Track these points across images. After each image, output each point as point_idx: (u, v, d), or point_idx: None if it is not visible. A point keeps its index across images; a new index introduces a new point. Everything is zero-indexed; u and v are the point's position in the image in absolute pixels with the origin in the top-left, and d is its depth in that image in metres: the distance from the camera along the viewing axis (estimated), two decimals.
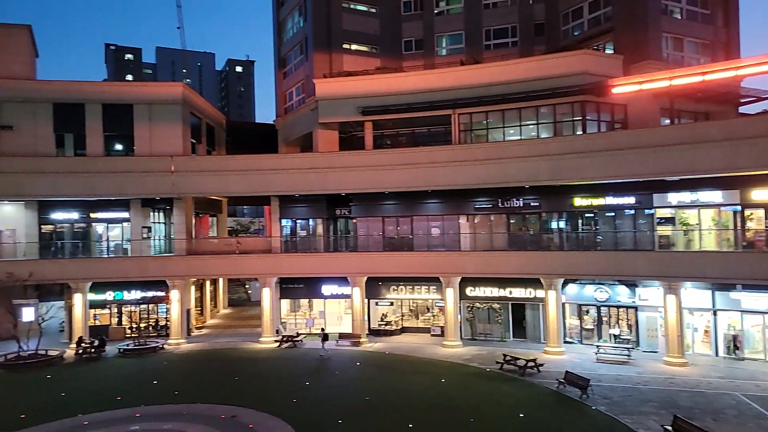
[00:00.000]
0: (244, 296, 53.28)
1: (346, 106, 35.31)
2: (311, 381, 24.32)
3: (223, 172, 33.97)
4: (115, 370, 27.61)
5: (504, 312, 32.34)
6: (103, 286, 34.08)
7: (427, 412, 19.98)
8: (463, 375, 24.97)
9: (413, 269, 31.86)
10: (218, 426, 18.93)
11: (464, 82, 33.01)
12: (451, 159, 30.91)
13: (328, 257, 33.76)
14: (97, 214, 35.57)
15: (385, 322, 35.15)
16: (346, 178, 32.83)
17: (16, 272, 29.84)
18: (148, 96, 35.55)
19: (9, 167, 32.12)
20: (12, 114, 33.55)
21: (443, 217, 33.72)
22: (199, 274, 35.79)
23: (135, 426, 19.08)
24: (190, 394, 22.63)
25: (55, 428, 19.05)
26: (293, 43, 42.25)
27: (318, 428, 18.61)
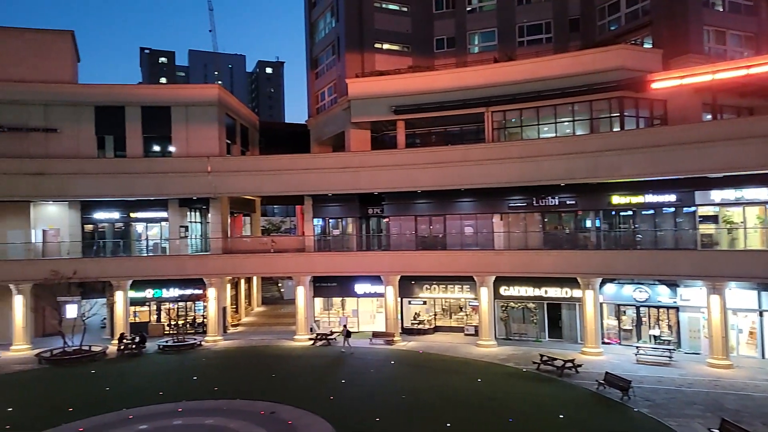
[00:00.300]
0: (277, 294, 53.94)
1: (378, 106, 35.39)
2: (347, 379, 24.47)
3: (258, 172, 34.45)
4: (156, 365, 28.30)
5: (539, 311, 31.94)
6: (143, 284, 34.98)
7: (464, 412, 19.89)
8: (499, 375, 24.78)
9: (447, 268, 31.74)
10: (258, 422, 19.23)
11: (498, 80, 32.72)
12: (485, 157, 30.66)
13: (361, 256, 33.92)
14: (137, 213, 36.54)
15: (418, 321, 35.13)
16: (379, 177, 32.91)
17: (61, 270, 30.83)
18: (185, 98, 36.33)
19: (54, 169, 33.22)
20: (57, 117, 34.69)
21: (476, 216, 33.51)
22: (235, 273, 36.39)
23: (178, 420, 19.54)
24: (229, 390, 23.02)
25: (102, 421, 19.62)
26: (325, 44, 42.55)
27: (356, 426, 18.70)
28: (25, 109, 34.26)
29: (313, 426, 18.69)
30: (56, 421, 19.60)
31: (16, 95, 34.04)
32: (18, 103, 34.10)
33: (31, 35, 35.36)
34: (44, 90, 34.47)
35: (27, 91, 34.16)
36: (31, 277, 31.93)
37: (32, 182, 32.84)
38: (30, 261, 32.89)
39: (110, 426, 19.11)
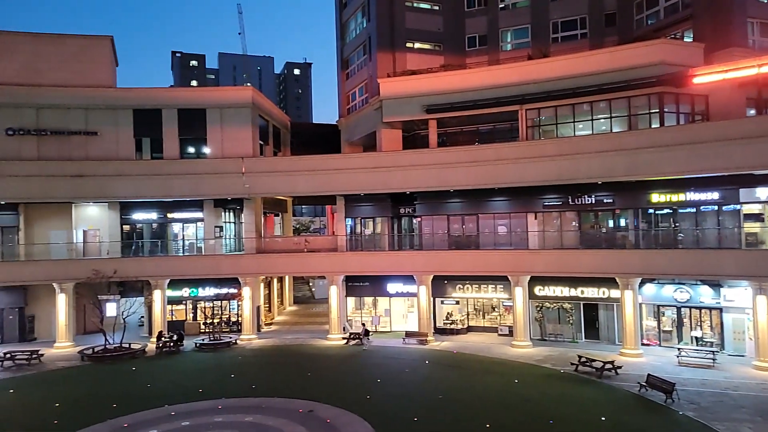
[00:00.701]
0: (308, 294, 54.38)
1: (410, 105, 35.34)
2: (382, 378, 24.47)
3: (291, 173, 34.78)
4: (194, 363, 28.82)
5: (575, 312, 31.40)
6: (179, 283, 35.65)
7: (503, 413, 19.69)
8: (536, 376, 24.44)
9: (481, 268, 31.48)
10: (297, 420, 19.38)
11: (532, 77, 32.29)
12: (520, 156, 30.31)
13: (394, 255, 33.93)
14: (174, 214, 37.29)
15: (451, 321, 34.95)
16: (411, 176, 32.87)
17: (102, 269, 31.64)
18: (220, 100, 36.89)
19: (95, 171, 34.14)
20: (97, 120, 35.63)
21: (510, 215, 33.15)
22: (269, 272, 36.80)
23: (218, 417, 19.82)
24: (266, 388, 23.28)
25: (145, 417, 20.04)
26: (356, 44, 42.69)
27: (394, 425, 18.68)
28: (67, 113, 35.29)
29: (351, 425, 18.74)
30: (101, 417, 20.08)
31: (59, 100, 35.10)
32: (60, 108, 35.16)
33: (72, 41, 36.40)
34: (85, 94, 35.45)
35: (68, 96, 35.18)
36: (73, 276, 32.86)
37: (73, 184, 33.81)
38: (72, 260, 33.88)
39: (153, 422, 19.51)
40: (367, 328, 32.88)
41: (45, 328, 35.80)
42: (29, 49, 35.60)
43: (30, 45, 35.64)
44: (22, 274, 33.05)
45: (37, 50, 35.67)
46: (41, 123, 34.88)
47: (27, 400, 22.56)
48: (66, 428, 18.97)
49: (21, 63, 35.30)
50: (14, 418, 20.30)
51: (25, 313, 35.53)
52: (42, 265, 33.14)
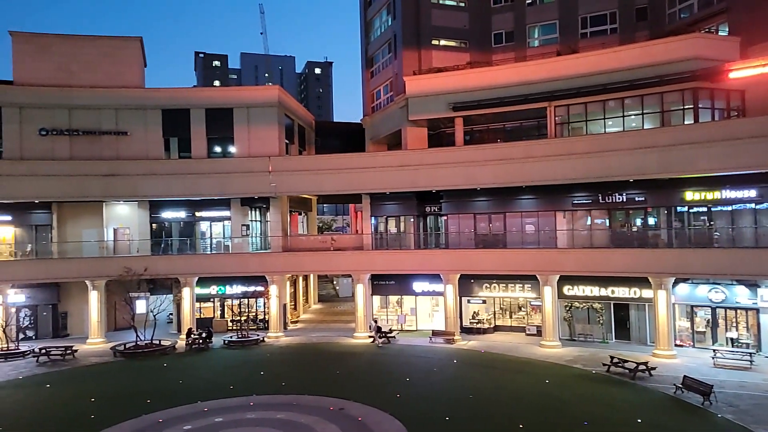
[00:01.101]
0: (332, 292, 54.56)
1: (436, 103, 35.16)
2: (411, 377, 24.39)
3: (318, 171, 34.90)
4: (224, 360, 29.11)
5: (605, 312, 30.90)
6: (207, 281, 36.05)
7: (535, 413, 19.44)
8: (567, 376, 24.10)
9: (509, 267, 31.17)
10: (328, 417, 19.41)
11: (561, 73, 31.85)
12: (549, 153, 29.95)
13: (421, 254, 33.83)
14: (202, 212, 37.72)
15: (477, 320, 34.71)
16: (438, 174, 32.74)
17: (133, 267, 32.15)
18: (247, 100, 37.18)
19: (126, 170, 34.71)
20: (127, 120, 36.21)
21: (538, 214, 32.77)
22: (295, 270, 37.00)
23: (251, 414, 19.97)
24: (296, 386, 23.38)
25: (179, 413, 20.28)
26: (381, 42, 42.61)
27: (425, 424, 18.57)
28: (98, 113, 35.92)
29: (383, 423, 18.70)
30: (136, 412, 20.40)
31: (90, 100, 35.74)
32: (92, 108, 35.81)
33: (103, 42, 37.03)
34: (115, 95, 36.06)
35: (100, 96, 35.81)
36: (105, 274, 33.46)
37: (106, 183, 34.42)
38: (104, 258, 34.50)
39: (187, 418, 19.74)
40: (380, 326, 32.92)
41: (77, 325, 36.56)
42: (62, 50, 36.32)
43: (62, 46, 36.36)
44: (56, 272, 33.75)
45: (70, 51, 36.36)
46: (74, 123, 35.57)
47: (63, 395, 23.04)
48: (102, 423, 19.29)
49: (54, 64, 36.03)
50: (52, 413, 20.72)
51: (59, 309, 36.31)
52: (75, 263, 33.83)
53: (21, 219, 35.56)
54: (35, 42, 36.22)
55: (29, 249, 35.33)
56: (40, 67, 35.80)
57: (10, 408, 21.44)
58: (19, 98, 34.94)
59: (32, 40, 36.20)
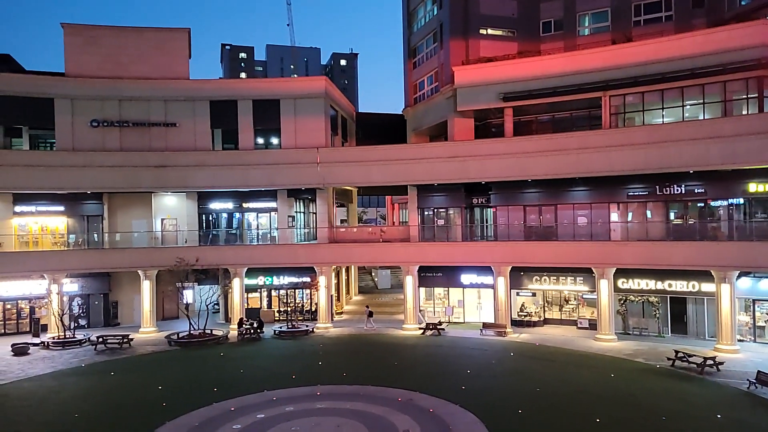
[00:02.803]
0: (371, 284, 54.64)
1: (485, 93, 34.73)
2: (472, 369, 24.25)
3: (365, 163, 34.80)
4: (278, 350, 29.33)
5: (662, 306, 30.32)
6: (255, 272, 36.31)
7: (609, 408, 19.15)
8: (631, 371, 23.71)
9: (563, 259, 30.76)
10: (398, 408, 19.40)
11: (617, 62, 31.14)
12: (606, 144, 29.39)
13: (472, 246, 33.62)
14: (249, 203, 37.99)
15: (525, 313, 34.39)
16: (488, 166, 32.41)
17: (185, 258, 32.49)
18: (294, 91, 37.18)
19: (176, 161, 35.04)
20: (175, 112, 36.51)
21: (591, 206, 32.19)
22: (344, 261, 37.07)
23: (321, 404, 20.05)
24: (357, 377, 23.43)
25: (249, 402, 20.46)
26: (425, 32, 42.15)
27: (499, 417, 18.40)
28: (147, 104, 36.28)
29: (455, 415, 18.61)
30: (206, 400, 20.63)
31: (140, 92, 36.09)
32: (141, 99, 36.16)
33: (151, 34, 37.31)
34: (164, 86, 36.35)
35: (149, 88, 36.14)
36: (157, 264, 33.91)
37: (156, 174, 34.81)
38: (157, 249, 34.97)
39: (258, 406, 19.90)
40: (371, 311, 35.09)
41: (127, 314, 37.23)
42: (111, 42, 36.68)
43: (112, 38, 36.73)
44: (109, 262, 34.33)
45: (119, 43, 36.72)
46: (123, 114, 35.99)
47: (130, 383, 23.41)
48: (175, 410, 19.55)
49: (103, 56, 36.42)
50: (124, 400, 21.06)
51: (110, 299, 36.98)
52: (128, 253, 34.37)
53: (73, 209, 36.18)
54: (85, 34, 36.65)
55: (81, 239, 35.96)
56: (90, 59, 36.22)
57: (84, 395, 21.89)
58: (70, 90, 35.44)
59: (82, 32, 36.64)
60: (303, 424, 18.06)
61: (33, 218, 35.55)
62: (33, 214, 35.43)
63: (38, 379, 24.06)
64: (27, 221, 35.51)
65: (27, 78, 35.75)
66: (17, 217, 34.99)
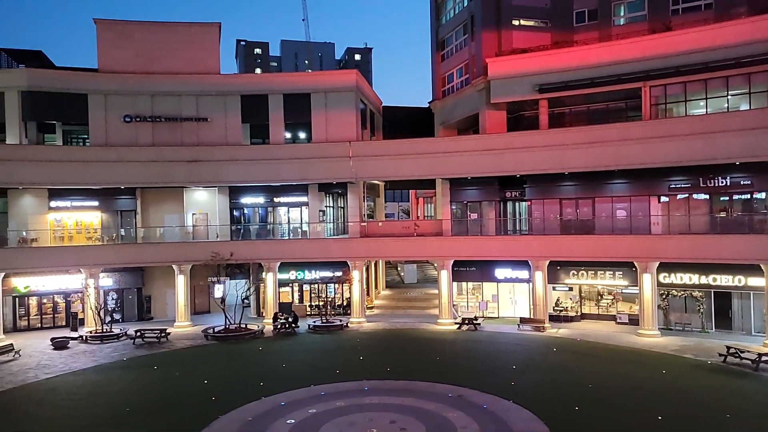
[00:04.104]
0: (396, 278, 54.31)
1: (520, 85, 34.23)
2: (517, 365, 23.92)
3: (397, 156, 34.50)
4: (316, 345, 29.20)
5: (706, 300, 29.70)
6: (286, 266, 36.15)
7: (667, 405, 18.71)
8: (682, 367, 23.23)
9: (603, 253, 30.21)
10: (450, 404, 19.14)
11: (657, 52, 30.49)
12: (648, 135, 28.78)
13: (508, 240, 33.21)
14: (280, 198, 37.86)
15: (561, 308, 33.92)
16: (524, 159, 31.94)
17: (220, 252, 32.43)
18: (324, 84, 36.94)
19: (208, 156, 34.97)
20: (207, 107, 36.44)
21: (630, 198, 31.64)
22: (378, 256, 36.87)
23: (370, 399, 19.84)
24: (401, 371, 23.15)
25: (298, 396, 20.30)
26: (455, 24, 41.65)
27: (556, 414, 18.04)
28: (179, 99, 36.24)
29: (511, 411, 18.31)
30: (254, 394, 20.50)
31: (172, 87, 36.07)
32: (173, 94, 36.13)
33: (182, 29, 37.22)
34: (196, 81, 36.29)
35: (181, 83, 36.10)
36: (192, 259, 33.90)
37: (188, 169, 34.77)
38: (191, 243, 34.97)
39: (308, 401, 19.74)
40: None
41: (160, 308, 37.33)
42: (143, 37, 36.66)
43: (144, 33, 36.70)
44: (144, 256, 34.39)
45: (150, 38, 36.69)
46: (156, 110, 35.99)
47: (174, 377, 23.40)
48: (226, 404, 19.44)
49: (136, 51, 36.42)
50: (173, 394, 21.04)
51: (143, 293, 37.11)
52: (162, 248, 34.40)
53: (107, 204, 36.29)
54: (117, 29, 36.67)
55: (115, 234, 36.07)
56: (122, 55, 36.24)
57: (132, 389, 21.89)
58: (103, 85, 35.49)
59: (114, 28, 36.67)
60: (357, 419, 17.87)
61: (68, 213, 35.72)
62: (68, 210, 35.59)
63: (83, 373, 24.15)
64: (62, 216, 35.67)
65: (61, 74, 35.88)
66: (53, 212, 35.15)
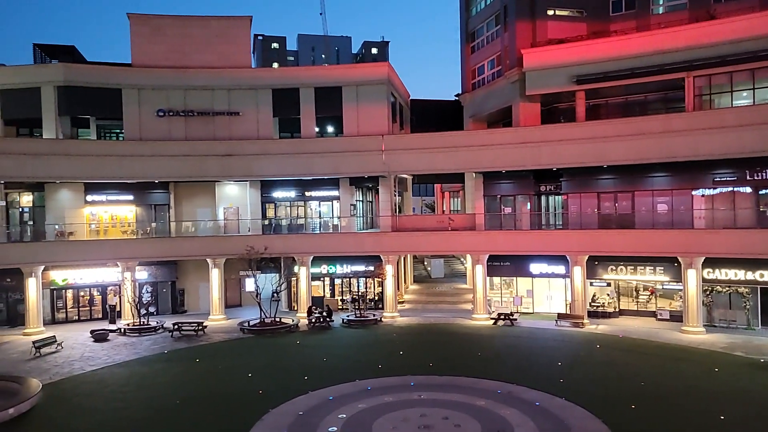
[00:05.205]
0: (423, 273, 54.02)
1: (556, 76, 33.59)
2: (562, 361, 23.52)
3: (430, 150, 34.11)
4: (352, 339, 29.07)
5: (752, 297, 28.95)
6: (317, 260, 36.01)
7: (727, 404, 18.16)
8: (734, 365, 22.61)
9: (645, 248, 29.55)
10: (501, 400, 18.85)
11: (702, 41, 29.67)
12: (692, 126, 28.09)
13: (544, 234, 32.74)
14: (311, 192, 37.78)
15: (598, 304, 33.36)
16: (561, 151, 31.37)
17: (255, 246, 32.37)
18: (356, 78, 36.70)
19: (240, 150, 34.91)
20: (239, 101, 36.37)
21: (672, 192, 30.93)
22: (411, 250, 36.64)
23: (417, 394, 19.60)
24: (445, 367, 22.92)
25: (344, 391, 20.13)
26: (486, 15, 41.02)
27: (613, 412, 17.56)
28: (211, 93, 36.21)
29: (566, 409, 17.94)
30: (299, 388, 20.39)
31: (204, 81, 36.04)
32: (206, 89, 36.11)
33: (215, 23, 37.15)
34: (228, 75, 36.22)
35: (213, 77, 36.06)
36: (225, 252, 33.94)
37: (221, 163, 34.76)
38: (224, 237, 34.98)
39: (355, 396, 19.57)
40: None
41: (193, 301, 37.54)
42: (175, 31, 36.66)
43: (176, 28, 36.70)
44: (179, 250, 34.52)
45: (182, 32, 36.66)
46: (188, 104, 36.00)
47: (217, 370, 23.41)
48: (272, 398, 19.36)
49: (168, 46, 36.42)
50: (219, 388, 20.96)
51: (176, 286, 37.30)
52: (197, 241, 34.53)
53: (141, 198, 36.48)
54: (150, 24, 36.71)
55: (149, 228, 36.25)
56: (155, 49, 36.28)
57: (178, 381, 21.96)
58: (137, 80, 35.59)
59: (148, 22, 36.71)
60: (409, 415, 17.65)
61: (103, 207, 35.97)
62: (103, 203, 35.84)
63: (126, 365, 24.30)
64: (97, 210, 35.93)
65: (96, 69, 36.09)
66: (89, 206, 35.40)
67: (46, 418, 18.19)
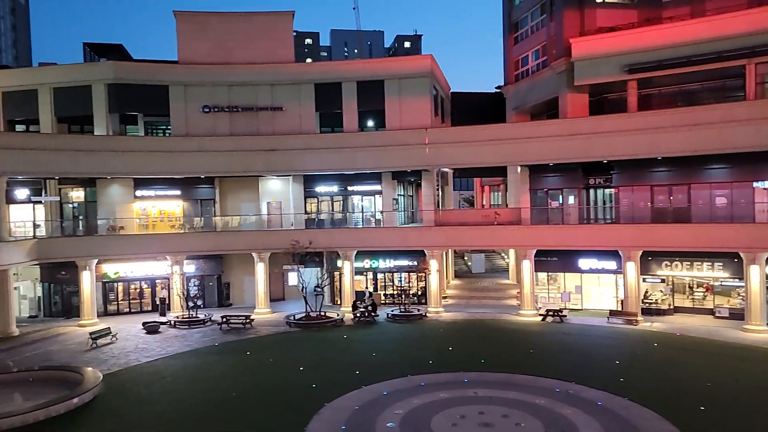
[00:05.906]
0: (464, 268, 53.44)
1: (607, 65, 32.65)
2: (620, 360, 22.81)
3: (474, 143, 33.59)
4: (399, 334, 28.88)
5: None
6: (360, 255, 35.91)
7: None
8: None
9: (702, 244, 28.36)
10: (561, 399, 18.34)
11: (765, 26, 28.24)
12: (756, 116, 26.79)
13: (594, 229, 31.94)
14: (353, 186, 37.69)
15: (651, 300, 32.30)
16: (613, 143, 30.41)
17: (300, 240, 32.50)
18: (398, 71, 36.40)
19: (284, 145, 35.05)
20: (281, 96, 36.54)
21: (732, 185, 29.65)
22: (456, 245, 36.27)
23: (475, 391, 19.25)
24: (497, 364, 22.46)
25: (397, 387, 19.93)
26: (531, 5, 40.10)
27: (682, 414, 16.81)
28: (255, 89, 36.48)
29: (631, 410, 17.30)
30: (351, 383, 20.23)
31: (248, 77, 36.33)
32: (249, 85, 36.41)
33: (258, 18, 37.39)
34: (271, 70, 36.42)
35: (257, 73, 36.31)
36: (270, 247, 34.17)
37: (265, 158, 34.95)
38: (269, 231, 35.25)
39: (409, 392, 19.34)
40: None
41: (238, 295, 38.01)
42: (218, 27, 37.05)
43: (221, 24, 37.08)
44: (225, 244, 34.98)
45: (226, 29, 37.03)
46: (233, 100, 36.36)
47: (268, 363, 23.54)
48: (326, 392, 19.27)
49: (212, 42, 36.82)
50: (271, 381, 21.08)
51: (222, 280, 37.82)
52: (242, 236, 34.88)
53: (188, 193, 37.08)
54: (195, 21, 37.19)
55: (196, 222, 36.81)
56: (199, 46, 36.73)
57: (232, 373, 22.11)
58: (183, 77, 36.12)
59: (193, 19, 37.20)
60: (466, 412, 17.35)
61: (152, 202, 36.71)
62: (152, 198, 36.57)
63: (180, 357, 24.69)
64: (146, 205, 36.69)
65: (144, 66, 36.76)
66: (138, 201, 36.17)
67: (107, 408, 18.57)
